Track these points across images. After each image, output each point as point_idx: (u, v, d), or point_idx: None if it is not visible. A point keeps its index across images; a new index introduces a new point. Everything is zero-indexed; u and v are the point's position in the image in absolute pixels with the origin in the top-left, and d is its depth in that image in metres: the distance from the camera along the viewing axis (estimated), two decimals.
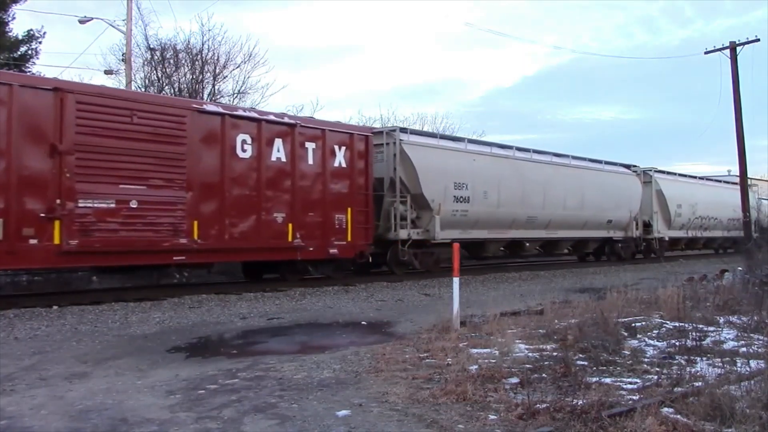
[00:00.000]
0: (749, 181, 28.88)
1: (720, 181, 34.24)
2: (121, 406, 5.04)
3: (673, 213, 27.82)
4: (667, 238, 27.80)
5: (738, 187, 33.08)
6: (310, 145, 15.18)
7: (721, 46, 26.41)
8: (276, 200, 14.38)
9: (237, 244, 13.64)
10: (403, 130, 18.15)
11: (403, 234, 16.95)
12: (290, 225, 14.51)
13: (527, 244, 22.04)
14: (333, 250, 15.33)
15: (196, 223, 12.85)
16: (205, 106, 13.75)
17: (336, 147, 15.68)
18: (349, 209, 15.77)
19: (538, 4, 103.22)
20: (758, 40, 25.44)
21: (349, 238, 15.70)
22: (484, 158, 19.69)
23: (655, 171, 27.93)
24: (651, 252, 27.26)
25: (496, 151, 20.56)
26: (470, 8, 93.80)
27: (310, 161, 15.17)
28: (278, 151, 14.52)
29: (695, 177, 32.15)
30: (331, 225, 15.34)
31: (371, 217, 16.42)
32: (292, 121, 14.96)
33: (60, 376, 6.06)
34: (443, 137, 19.71)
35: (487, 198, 19.10)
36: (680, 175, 30.53)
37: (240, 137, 13.82)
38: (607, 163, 25.52)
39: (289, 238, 14.49)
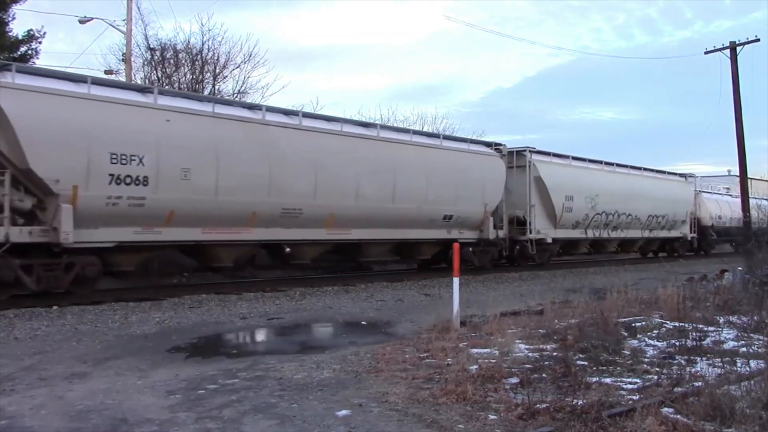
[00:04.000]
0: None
1: (640, 168, 26.75)
2: (121, 406, 5.04)
3: (559, 207, 21.37)
4: (550, 240, 21.15)
5: (665, 176, 28.79)
6: None
7: (721, 46, 26.45)
8: None
9: None
10: (4, 66, 11.31)
11: None
12: None
13: (288, 249, 15.61)
14: None
15: None
16: None
17: None
18: None
19: (538, 5, 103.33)
20: (758, 40, 25.50)
21: None
22: (191, 119, 12.93)
23: (533, 152, 21.10)
24: (529, 258, 20.86)
25: (222, 110, 13.59)
26: (471, 9, 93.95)
27: None
28: None
29: (600, 162, 24.35)
30: None
31: None
32: None
33: (60, 376, 6.06)
34: (98, 83, 12.29)
35: (189, 179, 12.62)
36: (574, 158, 23.04)
37: None
38: (447, 138, 19.40)
39: None
